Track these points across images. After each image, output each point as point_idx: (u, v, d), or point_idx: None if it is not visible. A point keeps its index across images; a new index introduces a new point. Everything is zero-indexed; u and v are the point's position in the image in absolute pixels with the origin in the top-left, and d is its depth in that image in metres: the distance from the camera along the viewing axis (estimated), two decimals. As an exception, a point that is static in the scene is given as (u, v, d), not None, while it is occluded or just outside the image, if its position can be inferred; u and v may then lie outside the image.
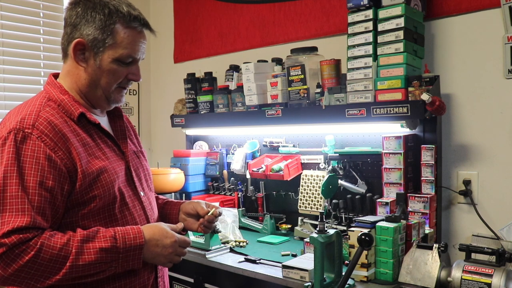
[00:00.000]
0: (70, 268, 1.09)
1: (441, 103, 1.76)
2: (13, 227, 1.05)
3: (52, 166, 1.13)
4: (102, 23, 1.21)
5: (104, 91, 1.27)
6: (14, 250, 1.05)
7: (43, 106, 1.21)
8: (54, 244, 1.09)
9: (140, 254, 1.18)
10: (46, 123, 1.16)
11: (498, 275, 1.49)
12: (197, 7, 3.12)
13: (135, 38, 1.25)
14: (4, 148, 1.12)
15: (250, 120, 2.40)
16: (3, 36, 2.84)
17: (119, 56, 1.23)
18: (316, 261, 1.50)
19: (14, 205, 1.07)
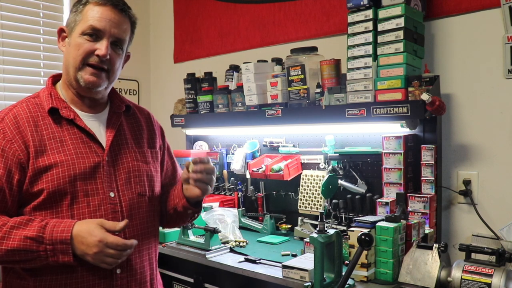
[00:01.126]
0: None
1: (441, 103, 1.76)
2: None
3: (4, 157, 1.21)
4: (76, 8, 1.31)
5: (73, 69, 1.29)
6: None
7: (22, 102, 1.32)
8: None
9: (69, 248, 1.16)
10: (12, 117, 1.27)
11: (498, 275, 1.49)
12: (197, 7, 3.12)
13: (102, 13, 1.28)
14: None
15: (250, 120, 2.40)
16: (3, 36, 2.84)
17: (84, 29, 1.27)
18: (316, 261, 1.50)
19: None
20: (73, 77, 1.30)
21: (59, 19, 3.10)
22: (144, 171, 1.39)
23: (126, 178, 1.34)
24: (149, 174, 1.41)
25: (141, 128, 1.47)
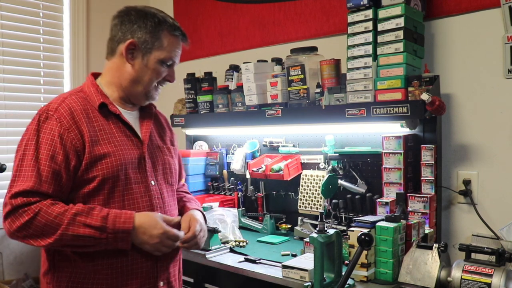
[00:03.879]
0: (61, 236, 1.25)
1: (441, 103, 1.76)
2: (19, 190, 1.25)
3: (62, 144, 1.31)
4: (152, 29, 1.41)
5: (145, 87, 1.45)
6: (17, 210, 1.25)
7: (71, 95, 1.41)
8: (51, 211, 1.25)
9: (128, 237, 1.31)
10: (67, 108, 1.36)
11: (498, 275, 1.48)
12: (197, 7, 3.12)
13: (176, 45, 1.47)
14: (30, 126, 1.35)
15: (250, 120, 2.40)
16: (3, 36, 2.84)
17: (164, 58, 1.44)
18: (316, 261, 1.50)
19: (27, 172, 1.28)
20: (140, 92, 1.46)
21: (59, 19, 3.10)
22: (172, 165, 1.57)
23: (162, 169, 1.51)
24: (174, 168, 1.59)
25: (163, 127, 1.64)
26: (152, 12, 1.44)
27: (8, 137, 2.86)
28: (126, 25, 1.42)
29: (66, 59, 3.13)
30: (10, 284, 2.73)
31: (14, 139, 2.87)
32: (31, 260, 2.94)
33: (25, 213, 1.24)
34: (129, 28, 1.41)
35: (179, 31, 1.47)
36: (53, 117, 1.33)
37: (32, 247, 2.91)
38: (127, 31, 1.41)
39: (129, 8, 1.45)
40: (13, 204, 1.25)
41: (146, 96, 1.48)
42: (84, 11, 3.14)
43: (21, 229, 1.25)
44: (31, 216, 1.24)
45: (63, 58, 3.13)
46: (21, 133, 1.39)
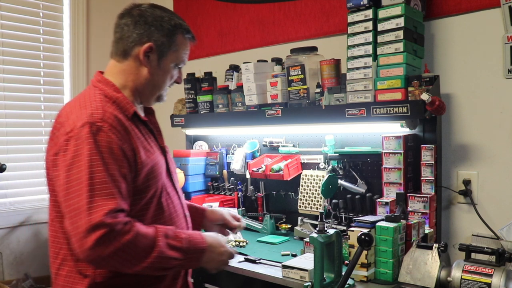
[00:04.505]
0: (155, 258, 1.20)
1: (441, 103, 1.76)
2: (108, 210, 1.13)
3: (124, 156, 1.23)
4: (169, 32, 1.39)
5: (159, 89, 1.44)
6: (113, 233, 1.13)
7: (105, 102, 1.31)
8: (145, 233, 1.20)
9: (201, 257, 1.32)
10: (113, 117, 1.26)
11: (498, 275, 1.49)
12: (197, 7, 3.12)
13: (188, 47, 1.46)
14: (80, 139, 1.19)
15: (250, 120, 2.40)
16: (3, 36, 2.84)
17: (178, 60, 1.43)
18: (316, 261, 1.50)
19: (104, 190, 1.16)
20: (154, 95, 1.44)
21: (59, 19, 3.10)
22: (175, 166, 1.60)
23: (174, 173, 1.51)
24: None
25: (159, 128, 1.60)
26: (167, 15, 1.41)
27: (8, 137, 2.86)
28: (141, 26, 1.36)
29: (66, 59, 3.13)
30: (10, 284, 2.73)
31: (14, 139, 2.88)
32: (31, 260, 2.94)
33: (124, 234, 1.14)
34: (145, 30, 1.36)
35: (191, 33, 1.46)
36: (105, 128, 1.22)
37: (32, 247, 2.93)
38: (143, 33, 1.36)
39: (141, 8, 1.39)
40: (110, 225, 1.12)
41: (158, 98, 1.47)
42: (84, 11, 3.14)
43: (116, 254, 1.13)
44: (131, 237, 1.15)
45: (63, 58, 3.13)
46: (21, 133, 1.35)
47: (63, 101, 3.13)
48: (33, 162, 2.97)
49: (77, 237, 1.12)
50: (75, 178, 1.16)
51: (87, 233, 1.11)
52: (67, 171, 1.18)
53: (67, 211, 1.17)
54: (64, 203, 1.18)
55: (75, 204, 1.15)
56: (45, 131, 3.03)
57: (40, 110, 3.01)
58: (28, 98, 2.96)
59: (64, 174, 1.18)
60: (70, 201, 1.16)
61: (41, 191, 3.01)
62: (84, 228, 1.11)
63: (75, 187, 1.16)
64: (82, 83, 3.16)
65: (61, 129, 1.25)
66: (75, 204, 1.15)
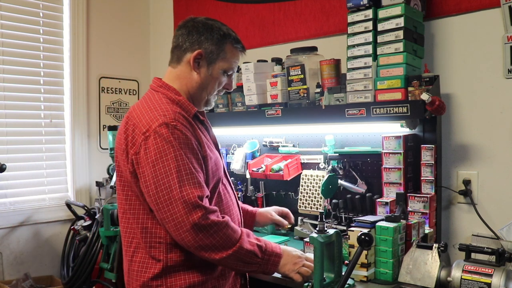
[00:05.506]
0: (238, 248, 1.36)
1: (441, 103, 1.76)
2: (199, 195, 1.31)
3: (198, 149, 1.41)
4: (218, 41, 1.52)
5: (208, 94, 1.56)
6: (209, 212, 1.31)
7: (171, 105, 1.47)
8: (232, 224, 1.38)
9: (279, 261, 1.46)
10: (181, 116, 1.43)
11: (498, 275, 1.48)
12: (197, 7, 3.12)
13: (237, 56, 1.59)
14: (160, 138, 1.35)
15: (250, 120, 2.40)
16: (3, 36, 2.84)
17: (227, 68, 1.56)
18: (316, 261, 1.50)
19: (191, 180, 1.33)
20: (203, 99, 1.57)
21: (59, 19, 3.10)
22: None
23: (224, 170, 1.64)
24: None
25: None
26: (218, 25, 1.55)
27: (8, 137, 2.86)
28: (193, 35, 1.51)
29: (66, 59, 3.13)
30: (10, 284, 2.73)
31: (14, 139, 2.88)
32: (31, 260, 2.95)
33: (218, 216, 1.33)
34: (196, 39, 1.51)
35: (240, 44, 1.58)
36: (179, 126, 1.38)
37: (32, 247, 2.93)
38: (195, 41, 1.51)
39: (196, 19, 1.55)
40: (205, 207, 1.32)
41: (206, 102, 1.59)
42: (84, 11, 3.14)
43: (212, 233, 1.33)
44: (224, 221, 1.34)
45: (63, 58, 3.13)
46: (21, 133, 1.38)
47: (63, 101, 3.13)
48: (33, 162, 2.97)
49: (175, 222, 1.30)
50: (163, 172, 1.32)
51: (186, 217, 1.29)
52: (153, 167, 1.34)
53: (159, 202, 1.32)
54: (154, 196, 1.33)
55: (167, 194, 1.31)
56: (45, 131, 3.03)
57: (40, 110, 3.01)
58: (28, 98, 2.96)
59: (150, 170, 1.34)
60: (161, 192, 1.32)
61: (41, 191, 3.02)
62: (182, 213, 1.29)
63: (164, 180, 1.32)
64: (82, 83, 3.16)
65: (136, 129, 1.40)
66: (167, 194, 1.31)
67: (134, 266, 1.46)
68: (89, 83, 3.22)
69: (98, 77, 3.27)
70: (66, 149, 3.14)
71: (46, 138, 3.04)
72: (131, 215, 1.46)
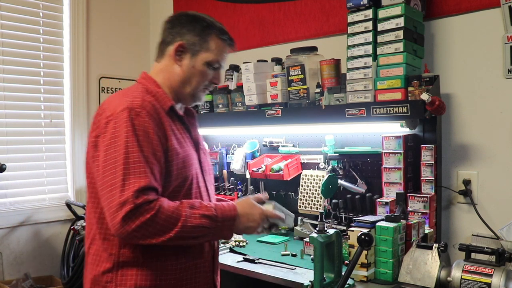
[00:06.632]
0: (181, 228, 1.27)
1: (441, 103, 1.76)
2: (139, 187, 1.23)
3: (158, 141, 1.32)
4: (200, 31, 1.46)
5: (193, 89, 1.48)
6: (139, 209, 1.22)
7: (144, 93, 1.41)
8: (168, 206, 1.27)
9: (233, 225, 1.36)
10: (151, 105, 1.36)
11: (498, 275, 1.48)
12: (197, 7, 3.11)
13: (223, 48, 1.50)
14: (119, 123, 1.29)
15: (250, 120, 2.40)
16: (3, 36, 2.84)
17: (211, 60, 1.46)
18: (316, 261, 1.50)
19: (137, 169, 1.26)
20: (188, 93, 1.49)
21: (59, 19, 3.10)
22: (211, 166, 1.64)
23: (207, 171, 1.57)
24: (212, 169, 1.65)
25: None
26: (202, 16, 1.49)
27: (8, 137, 2.86)
28: (176, 28, 1.47)
29: (66, 59, 3.13)
30: (10, 284, 2.73)
31: (14, 139, 2.88)
32: (31, 260, 2.94)
33: (147, 211, 1.23)
34: (178, 31, 1.46)
35: (227, 35, 1.50)
36: (143, 113, 1.32)
37: (32, 247, 2.93)
38: (177, 33, 1.46)
39: (180, 13, 1.52)
40: (136, 202, 1.22)
41: (193, 98, 1.51)
42: (84, 11, 3.14)
43: (141, 228, 1.23)
44: (154, 213, 1.23)
45: (63, 58, 3.12)
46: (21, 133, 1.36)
47: (63, 101, 3.13)
48: (33, 162, 2.97)
49: (110, 212, 1.23)
50: (112, 157, 1.27)
51: (117, 208, 1.21)
52: (106, 151, 1.28)
53: (103, 187, 1.27)
54: (100, 181, 1.28)
55: (110, 181, 1.25)
56: (45, 131, 3.03)
57: (40, 110, 3.01)
58: (28, 98, 2.96)
59: (103, 154, 1.29)
60: (106, 178, 1.26)
61: (41, 191, 3.01)
62: (115, 203, 1.22)
63: (111, 165, 1.26)
64: (82, 83, 3.16)
65: (103, 114, 1.35)
66: (110, 181, 1.25)
67: (89, 258, 1.40)
68: (89, 83, 3.21)
69: (98, 77, 3.26)
70: (66, 149, 3.14)
71: (46, 138, 3.04)
72: (91, 204, 1.39)
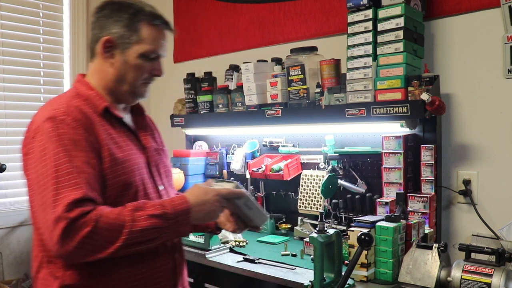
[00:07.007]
0: (128, 235, 1.13)
1: (440, 103, 1.76)
2: (71, 200, 1.10)
3: (91, 147, 1.20)
4: (128, 21, 1.30)
5: (130, 85, 1.34)
6: (75, 223, 1.09)
7: (72, 98, 1.29)
8: (109, 214, 1.13)
9: (189, 218, 1.22)
10: (77, 110, 1.24)
11: (498, 275, 1.48)
12: (197, 7, 3.12)
13: (158, 35, 1.34)
14: (44, 135, 1.18)
15: (250, 120, 2.40)
16: (3, 36, 2.84)
17: (144, 51, 1.31)
18: (316, 261, 1.50)
19: (68, 181, 1.12)
20: (126, 91, 1.35)
21: (59, 19, 3.10)
22: (169, 167, 1.52)
23: (164, 173, 1.44)
24: (171, 170, 1.54)
25: (151, 128, 1.54)
26: (128, 2, 1.32)
27: (8, 137, 2.86)
28: (100, 21, 1.32)
29: (66, 59, 3.13)
30: (10, 284, 2.73)
31: (14, 139, 2.88)
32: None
33: (85, 224, 1.09)
34: (103, 24, 1.31)
35: (159, 19, 1.33)
36: (68, 120, 1.20)
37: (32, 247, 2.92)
38: (102, 28, 1.31)
39: (105, 2, 1.34)
40: (70, 217, 1.08)
41: (133, 95, 1.37)
42: (84, 11, 3.14)
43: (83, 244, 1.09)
44: (93, 224, 1.09)
45: (63, 58, 3.13)
46: (21, 133, 1.31)
47: (63, 101, 3.13)
48: (33, 162, 2.97)
49: (47, 233, 1.11)
50: (42, 173, 1.14)
51: (52, 227, 1.08)
52: (34, 168, 1.17)
53: (36, 208, 1.15)
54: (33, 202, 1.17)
55: (42, 199, 1.13)
56: (45, 131, 3.03)
57: (40, 110, 3.01)
58: (28, 98, 2.96)
59: (32, 172, 1.17)
60: (39, 195, 1.14)
61: (41, 191, 3.01)
62: (50, 222, 1.09)
63: (42, 181, 1.14)
64: (82, 83, 3.16)
65: (31, 127, 1.24)
66: (42, 199, 1.13)
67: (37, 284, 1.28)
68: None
69: (98, 77, 3.27)
70: (66, 149, 3.14)
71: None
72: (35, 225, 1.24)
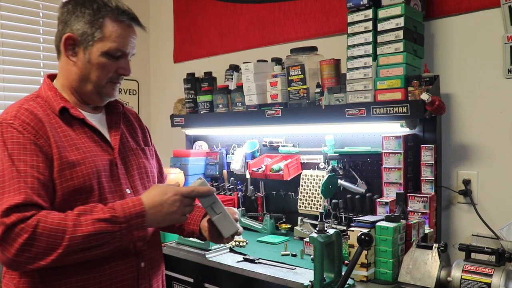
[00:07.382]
0: (70, 241, 1.07)
1: (440, 103, 1.76)
2: (9, 205, 1.06)
3: (40, 151, 1.16)
4: (91, 17, 1.23)
5: (94, 85, 1.28)
6: (12, 229, 1.05)
7: (28, 101, 1.25)
8: (51, 219, 1.08)
9: (144, 222, 1.16)
10: (28, 113, 1.20)
11: (498, 275, 1.48)
12: (197, 7, 3.12)
13: (124, 32, 1.27)
14: None
15: (250, 120, 2.40)
16: (3, 36, 2.84)
17: (108, 49, 1.25)
18: (316, 261, 1.50)
19: (11, 186, 1.09)
20: (91, 91, 1.30)
21: (59, 19, 3.10)
22: (148, 168, 1.42)
23: (138, 174, 1.37)
24: (151, 171, 1.44)
25: (134, 127, 1.48)
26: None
27: (8, 137, 2.86)
28: (65, 17, 1.26)
29: (66, 59, 3.13)
30: (10, 284, 2.72)
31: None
32: (31, 260, 2.94)
33: (23, 230, 1.05)
34: (66, 20, 1.25)
35: (125, 15, 1.26)
36: (16, 124, 1.16)
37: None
38: (66, 24, 1.25)
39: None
40: (6, 223, 1.04)
41: (99, 95, 1.31)
42: (84, 11, 3.14)
43: (23, 251, 1.05)
44: (32, 230, 1.05)
45: (63, 58, 3.13)
46: None
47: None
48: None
49: None
50: None
51: None
52: None
53: None
54: None
55: None
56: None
57: (40, 110, 3.02)
58: (28, 98, 2.96)
59: None
60: None
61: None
62: None
63: None
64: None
65: None
66: None
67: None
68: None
69: (98, 77, 3.27)
70: (66, 149, 3.14)
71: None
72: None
